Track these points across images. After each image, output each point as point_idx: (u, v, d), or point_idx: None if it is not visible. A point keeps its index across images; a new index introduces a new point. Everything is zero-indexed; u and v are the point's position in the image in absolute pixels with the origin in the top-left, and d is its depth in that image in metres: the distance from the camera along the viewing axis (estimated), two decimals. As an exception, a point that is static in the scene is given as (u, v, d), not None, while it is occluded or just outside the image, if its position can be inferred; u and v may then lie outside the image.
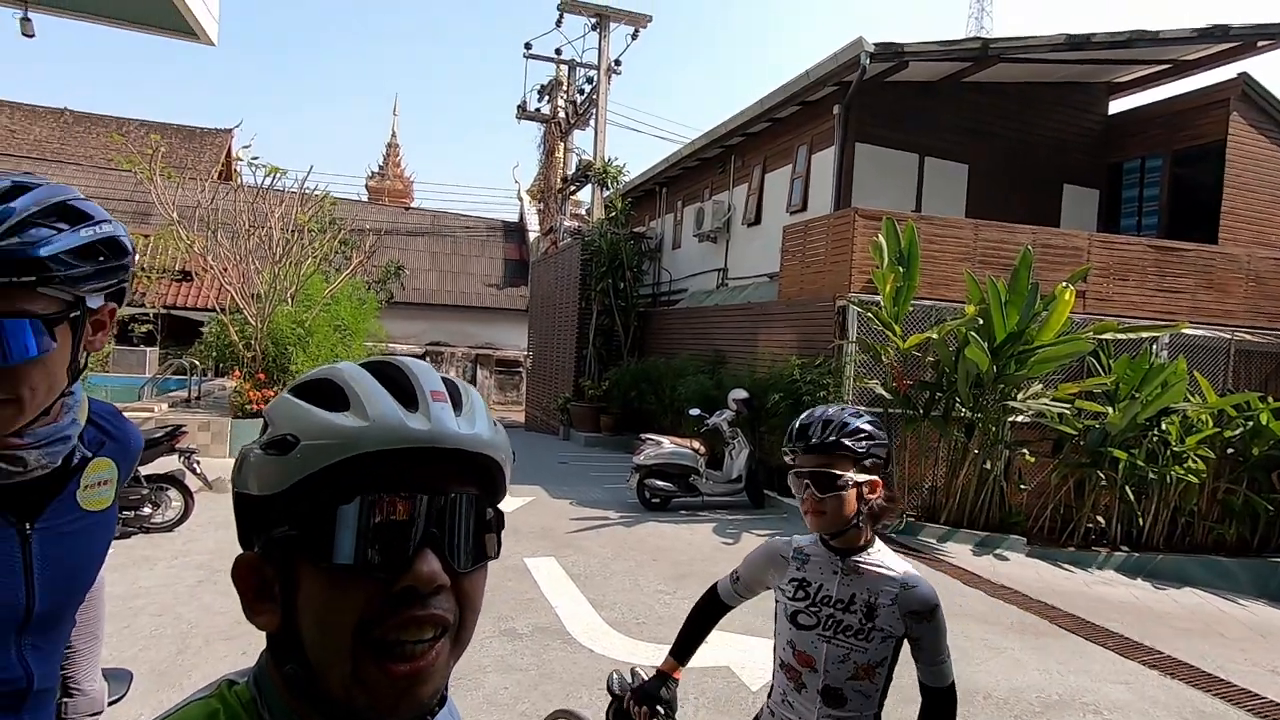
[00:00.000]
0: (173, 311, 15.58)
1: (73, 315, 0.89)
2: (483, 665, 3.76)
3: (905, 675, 1.56)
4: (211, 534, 5.84)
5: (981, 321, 6.88)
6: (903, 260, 7.19)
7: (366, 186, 32.18)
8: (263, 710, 0.56)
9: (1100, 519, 7.39)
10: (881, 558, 1.58)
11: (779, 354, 8.97)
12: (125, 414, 1.13)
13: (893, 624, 1.52)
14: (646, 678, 1.64)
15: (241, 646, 3.83)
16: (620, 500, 8.07)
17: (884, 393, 7.27)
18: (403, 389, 0.57)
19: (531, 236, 23.78)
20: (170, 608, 4.32)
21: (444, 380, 0.60)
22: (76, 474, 0.98)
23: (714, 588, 1.76)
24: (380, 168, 34.27)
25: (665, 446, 7.82)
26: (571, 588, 5.13)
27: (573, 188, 19.33)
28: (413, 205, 27.78)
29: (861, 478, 1.52)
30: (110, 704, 1.28)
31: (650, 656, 4.05)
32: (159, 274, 14.77)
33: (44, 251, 0.84)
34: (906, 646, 1.56)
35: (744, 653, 4.05)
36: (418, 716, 0.55)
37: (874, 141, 10.07)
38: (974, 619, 5.03)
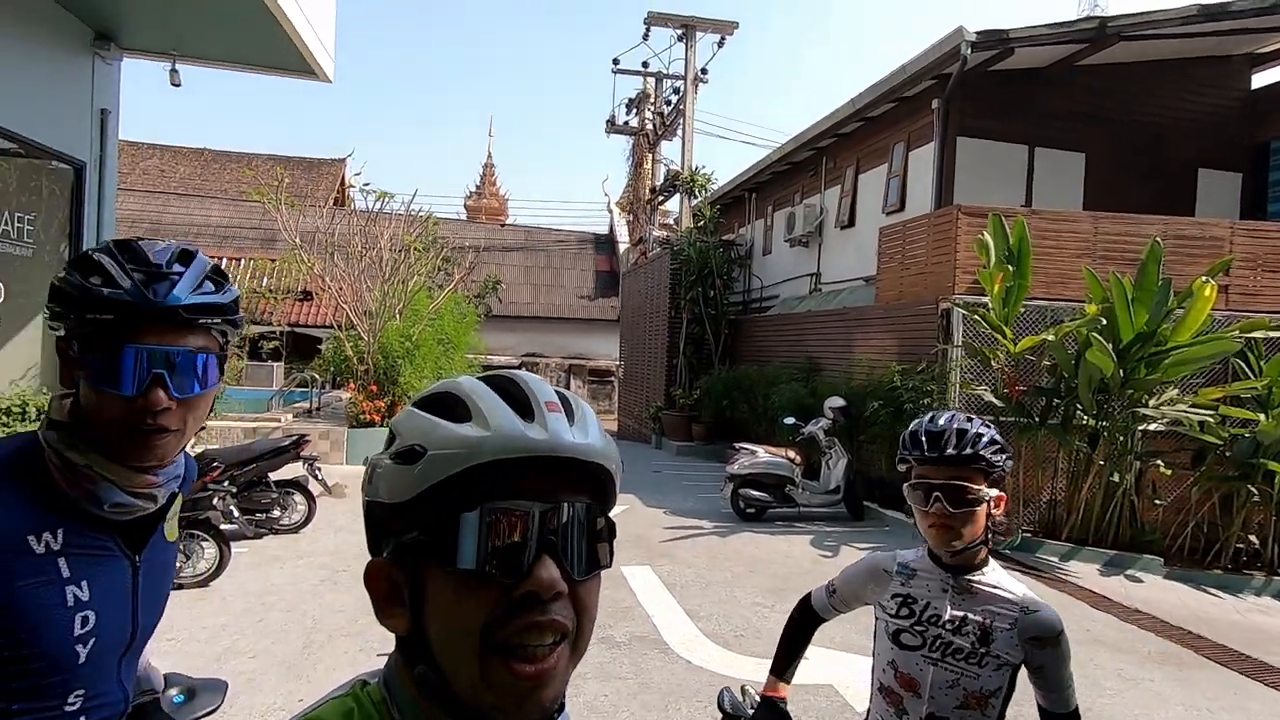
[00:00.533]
0: (295, 329, 16.88)
1: (222, 355, 1.03)
2: (582, 672, 3.82)
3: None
4: (331, 536, 6.25)
5: (1105, 321, 6.35)
6: (1012, 258, 6.76)
7: (465, 206, 33.74)
8: (393, 709, 0.58)
9: (1253, 539, 6.62)
10: (998, 578, 1.48)
11: (877, 360, 8.64)
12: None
13: (1010, 651, 1.41)
14: (759, 696, 1.59)
15: (360, 643, 4.07)
16: (714, 510, 8.00)
17: (994, 399, 6.84)
18: (518, 400, 0.59)
19: (621, 248, 24.13)
20: (297, 605, 4.66)
21: (556, 392, 0.62)
22: (168, 508, 1.05)
23: (807, 599, 1.69)
24: (477, 187, 35.86)
25: (760, 456, 7.69)
26: (667, 597, 5.12)
27: (661, 198, 19.46)
28: (508, 222, 28.86)
29: (992, 492, 1.43)
30: (207, 714, 1.33)
31: (749, 671, 3.98)
32: (283, 294, 16.04)
33: (226, 299, 1.00)
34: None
35: (848, 670, 3.90)
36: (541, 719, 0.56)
37: (977, 134, 9.56)
38: (1105, 646, 4.62)
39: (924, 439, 1.46)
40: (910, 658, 1.47)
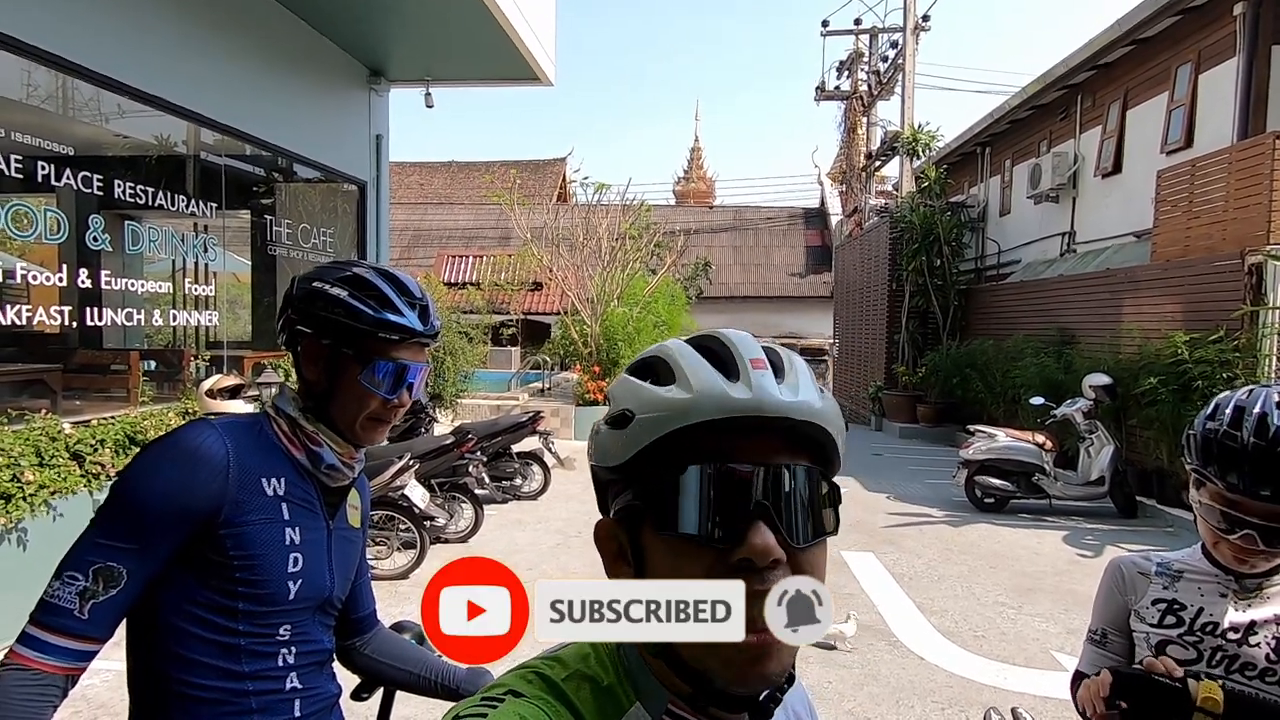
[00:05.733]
0: (529, 316, 18.66)
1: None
2: (805, 655, 3.75)
3: None
4: (564, 504, 6.84)
5: None
6: (1362, 193, 5.24)
7: (674, 191, 34.55)
8: (623, 658, 0.60)
9: None
10: None
11: (1153, 329, 7.27)
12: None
13: None
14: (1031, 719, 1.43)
15: (591, 604, 4.40)
16: (944, 498, 7.38)
17: (1331, 375, 5.40)
18: (723, 359, 0.58)
19: (834, 220, 23.05)
20: (537, 564, 5.18)
21: (765, 348, 0.59)
22: (349, 489, 1.25)
23: (1079, 676, 1.32)
24: (685, 171, 36.51)
25: (1000, 440, 6.91)
26: (894, 587, 4.83)
27: (878, 163, 18.17)
28: (715, 204, 28.99)
29: None
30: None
31: (995, 676, 3.62)
32: (518, 286, 17.81)
33: (440, 325, 1.25)
34: None
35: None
36: (767, 690, 0.56)
37: (1303, 39, 7.52)
38: None
39: (1245, 464, 1.12)
40: None
